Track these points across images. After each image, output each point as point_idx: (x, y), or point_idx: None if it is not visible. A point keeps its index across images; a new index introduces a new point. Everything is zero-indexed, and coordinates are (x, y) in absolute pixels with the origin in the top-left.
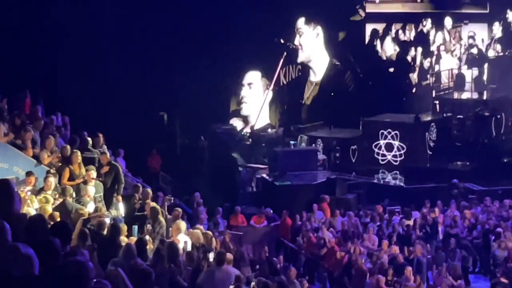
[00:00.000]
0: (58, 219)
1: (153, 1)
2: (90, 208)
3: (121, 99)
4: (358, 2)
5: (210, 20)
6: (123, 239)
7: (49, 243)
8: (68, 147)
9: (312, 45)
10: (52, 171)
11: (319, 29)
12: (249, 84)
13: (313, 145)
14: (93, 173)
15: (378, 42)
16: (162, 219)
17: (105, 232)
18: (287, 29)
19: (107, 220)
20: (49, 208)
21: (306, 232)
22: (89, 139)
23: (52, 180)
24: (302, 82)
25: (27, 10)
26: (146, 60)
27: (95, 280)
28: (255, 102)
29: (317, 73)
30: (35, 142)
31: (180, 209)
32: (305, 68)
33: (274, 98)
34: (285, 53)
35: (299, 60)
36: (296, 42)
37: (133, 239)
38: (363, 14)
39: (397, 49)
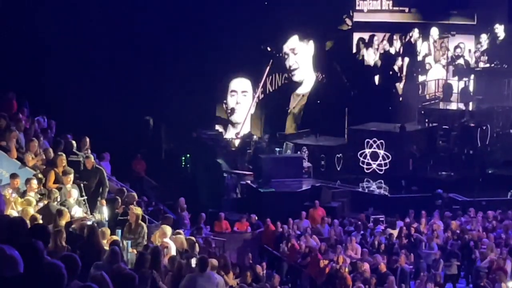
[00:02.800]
0: (39, 221)
1: (141, 6)
2: (75, 210)
3: (107, 103)
4: (345, 11)
5: (197, 26)
6: (106, 243)
7: (31, 245)
8: (51, 150)
9: (307, 62)
10: (39, 174)
11: (311, 44)
12: (243, 92)
13: (299, 152)
14: (71, 177)
15: (365, 52)
16: (143, 223)
17: (84, 234)
18: (274, 36)
19: (90, 223)
20: (31, 210)
21: (290, 239)
22: (74, 142)
23: (35, 183)
24: (287, 91)
25: (12, 11)
26: (133, 64)
27: (82, 284)
28: (246, 109)
29: (305, 87)
30: (19, 144)
31: (171, 216)
32: (292, 80)
33: (259, 106)
34: (271, 61)
35: (296, 79)
36: (291, 62)
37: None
38: (350, 23)
39: (385, 58)
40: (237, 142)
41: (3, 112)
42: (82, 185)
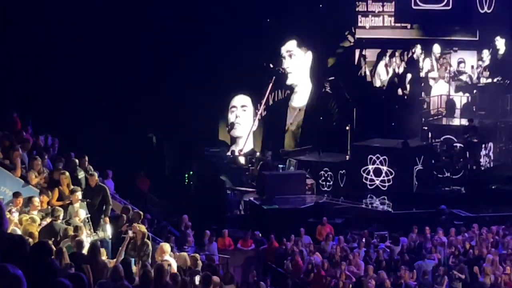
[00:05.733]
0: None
1: (142, 24)
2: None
3: (110, 120)
4: (347, 28)
5: (200, 44)
6: (111, 261)
7: (50, 264)
8: (59, 168)
9: (301, 69)
10: (44, 193)
11: (309, 54)
12: (243, 106)
13: (302, 169)
14: (79, 194)
15: (367, 68)
16: (148, 241)
17: (84, 251)
18: (276, 53)
19: (85, 240)
20: (34, 229)
21: (293, 256)
22: (76, 160)
23: (37, 200)
24: (285, 104)
25: (14, 29)
26: (135, 81)
27: None
28: (247, 125)
29: (301, 99)
30: (23, 163)
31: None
32: (290, 93)
33: (261, 123)
34: (274, 78)
35: (289, 82)
36: (286, 64)
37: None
38: (352, 40)
39: (388, 74)
40: (240, 159)
41: (7, 131)
42: (85, 203)
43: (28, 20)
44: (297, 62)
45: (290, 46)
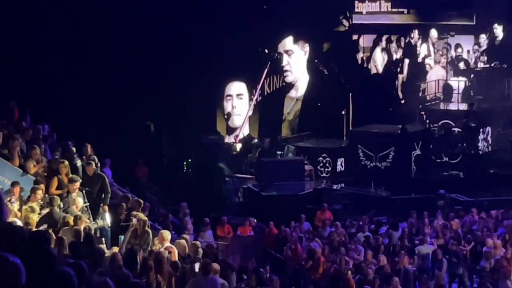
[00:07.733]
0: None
1: (139, 13)
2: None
3: (108, 109)
4: (343, 12)
5: (196, 31)
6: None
7: (45, 251)
8: (58, 158)
9: (300, 65)
10: (41, 181)
11: (307, 47)
12: (239, 95)
13: (300, 155)
14: (77, 184)
15: (364, 53)
16: (149, 229)
17: (81, 240)
18: (270, 38)
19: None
20: (34, 218)
21: (293, 242)
22: (74, 148)
23: (40, 193)
24: (282, 94)
25: (13, 20)
26: (133, 70)
27: None
28: (243, 113)
29: (299, 90)
30: (22, 152)
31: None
32: (284, 80)
33: (257, 108)
34: (269, 63)
35: (288, 80)
36: (285, 62)
37: (116, 249)
38: (347, 25)
39: (385, 60)
40: (238, 146)
41: (5, 120)
42: (84, 191)
43: (26, 9)
44: (296, 60)
45: (287, 45)
